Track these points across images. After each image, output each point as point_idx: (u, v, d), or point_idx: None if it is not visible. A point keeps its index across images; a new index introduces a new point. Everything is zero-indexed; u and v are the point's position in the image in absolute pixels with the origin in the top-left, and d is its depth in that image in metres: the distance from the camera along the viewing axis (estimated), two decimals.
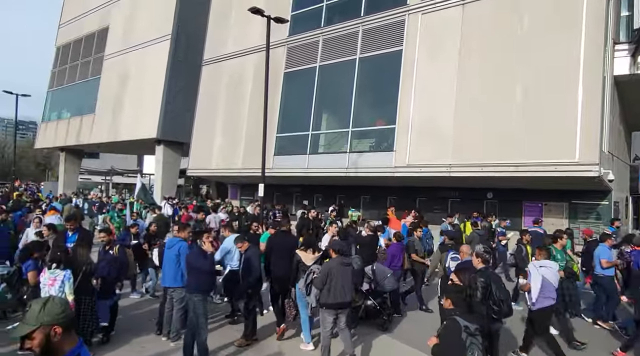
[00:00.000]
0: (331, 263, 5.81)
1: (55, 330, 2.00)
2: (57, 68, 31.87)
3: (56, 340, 2.01)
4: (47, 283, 5.43)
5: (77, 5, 30.90)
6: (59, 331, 2.01)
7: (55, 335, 2.00)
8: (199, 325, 5.59)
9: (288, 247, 6.98)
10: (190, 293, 5.75)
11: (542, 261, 6.35)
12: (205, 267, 5.68)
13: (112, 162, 42.80)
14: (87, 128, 27.41)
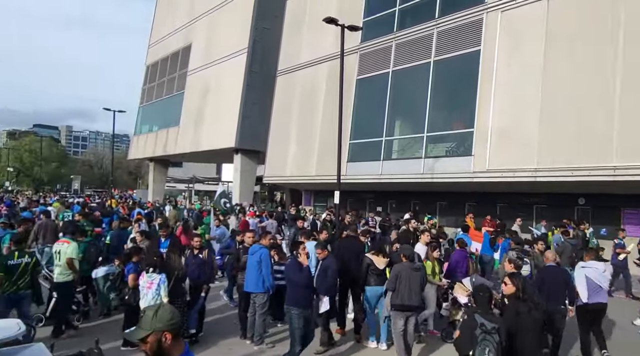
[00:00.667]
0: (400, 267, 6.10)
1: (166, 336, 2.14)
2: (147, 85, 34.67)
3: (166, 345, 2.15)
4: (145, 285, 5.89)
5: (164, 26, 33.48)
6: (169, 337, 2.15)
7: (165, 340, 2.14)
8: (293, 338, 5.69)
9: (356, 251, 7.22)
10: (287, 305, 5.80)
11: (588, 261, 6.47)
12: (300, 281, 5.69)
13: (194, 171, 45.54)
14: (172, 140, 29.46)
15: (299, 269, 5.72)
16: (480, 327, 3.96)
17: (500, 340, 3.95)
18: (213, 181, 48.16)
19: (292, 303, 5.72)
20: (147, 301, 5.80)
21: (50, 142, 77.87)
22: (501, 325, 4.05)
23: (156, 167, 33.90)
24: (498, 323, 4.05)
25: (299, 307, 5.67)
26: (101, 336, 4.32)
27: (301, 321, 5.69)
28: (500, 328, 4.00)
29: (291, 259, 6.30)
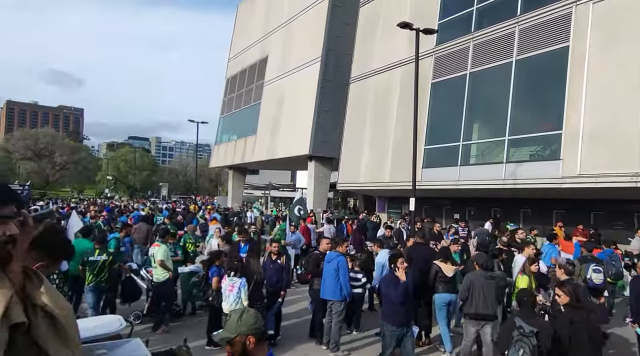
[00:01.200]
0: (473, 275, 5.93)
1: (250, 339, 2.22)
2: (227, 97, 36.57)
3: (250, 348, 2.23)
4: (227, 288, 6.17)
5: (242, 41, 35.18)
6: (253, 341, 2.23)
7: (249, 343, 2.22)
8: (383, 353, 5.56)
9: (425, 259, 7.18)
10: (382, 320, 5.62)
11: None
12: (396, 297, 5.37)
13: (270, 178, 47.12)
14: (250, 148, 30.73)
15: (395, 284, 5.42)
16: (517, 329, 4.17)
17: (539, 344, 4.08)
18: (288, 188, 49.47)
19: (386, 319, 5.49)
20: (229, 304, 6.07)
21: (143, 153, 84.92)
22: (542, 330, 4.15)
23: (235, 175, 35.53)
24: (537, 328, 4.19)
25: (392, 324, 5.43)
26: (188, 335, 4.57)
27: (393, 340, 5.47)
28: (540, 333, 4.12)
29: (388, 273, 6.07)
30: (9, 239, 1.44)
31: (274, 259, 7.35)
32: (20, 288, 1.48)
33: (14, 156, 65.86)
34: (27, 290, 1.49)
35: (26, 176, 59.89)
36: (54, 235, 1.99)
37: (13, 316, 1.42)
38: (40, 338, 1.48)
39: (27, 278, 1.52)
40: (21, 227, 1.51)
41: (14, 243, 1.46)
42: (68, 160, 67.95)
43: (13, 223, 1.46)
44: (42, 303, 1.49)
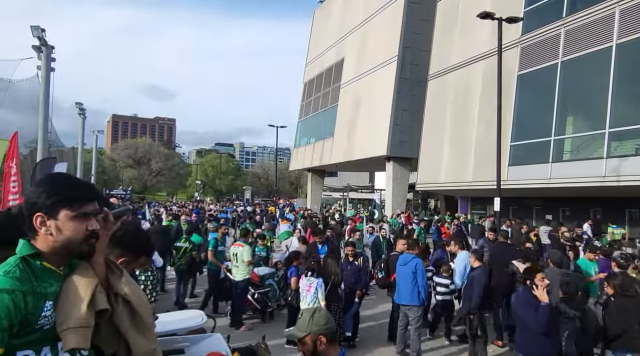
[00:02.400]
0: (549, 273, 5.51)
1: (321, 339, 2.20)
2: (305, 101, 37.38)
3: (322, 348, 2.20)
4: (305, 288, 6.25)
5: (318, 45, 35.78)
6: (324, 341, 2.20)
7: (320, 343, 2.20)
8: None
9: (507, 259, 6.95)
10: (518, 352, 4.67)
11: None
12: (536, 326, 4.28)
13: (347, 179, 47.26)
14: (327, 151, 31.07)
15: (534, 307, 4.31)
16: (562, 314, 4.76)
17: (583, 326, 4.76)
18: (366, 189, 49.28)
19: (523, 351, 4.49)
20: (307, 303, 6.14)
21: (228, 158, 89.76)
22: (586, 315, 4.83)
23: (313, 177, 36.13)
24: (581, 313, 4.85)
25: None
26: (267, 333, 4.69)
27: None
28: (584, 317, 4.80)
29: (523, 290, 4.80)
30: (92, 234, 1.57)
31: (350, 261, 7.31)
32: (104, 279, 1.61)
33: (118, 164, 73.14)
34: (110, 280, 1.61)
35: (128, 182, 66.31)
36: (135, 233, 2.13)
37: (98, 304, 1.54)
38: (122, 325, 1.59)
39: (110, 269, 1.64)
40: (103, 222, 1.64)
41: (96, 237, 1.59)
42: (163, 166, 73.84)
43: (95, 219, 1.59)
44: (123, 293, 1.60)
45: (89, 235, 1.56)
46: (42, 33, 14.29)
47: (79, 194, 1.54)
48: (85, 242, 1.55)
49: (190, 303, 9.20)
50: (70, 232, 1.53)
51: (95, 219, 1.59)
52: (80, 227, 1.55)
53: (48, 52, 14.87)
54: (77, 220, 1.54)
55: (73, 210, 1.52)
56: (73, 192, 1.54)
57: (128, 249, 1.98)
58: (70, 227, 1.53)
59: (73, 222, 1.54)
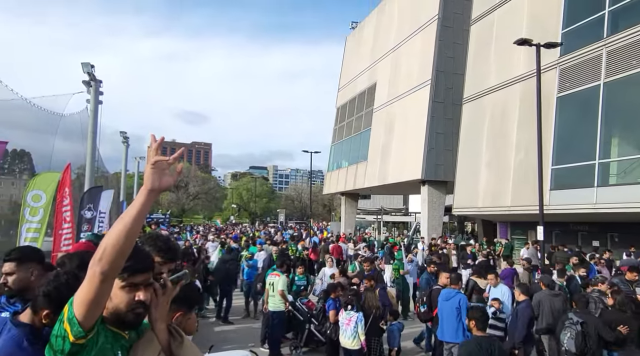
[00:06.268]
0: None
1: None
2: (337, 125, 37.68)
3: None
4: (344, 322, 6.18)
5: (350, 70, 36.24)
6: None
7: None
8: None
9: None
10: None
11: None
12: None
13: (381, 202, 46.86)
14: (361, 174, 31.02)
15: None
16: (568, 319, 5.64)
17: (584, 331, 5.43)
18: (400, 212, 48.65)
19: None
20: (346, 338, 6.06)
21: (262, 181, 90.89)
22: (589, 322, 5.53)
23: (347, 200, 36.04)
24: (584, 320, 5.56)
25: None
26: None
27: None
28: (587, 324, 5.49)
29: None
30: (139, 304, 1.61)
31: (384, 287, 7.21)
32: (166, 347, 1.66)
33: None
34: (172, 347, 1.67)
35: (167, 205, 68.16)
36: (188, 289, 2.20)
37: None
38: None
39: (172, 336, 1.70)
40: (161, 289, 1.70)
41: (144, 307, 1.63)
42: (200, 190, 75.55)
43: (146, 290, 1.63)
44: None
45: (136, 305, 1.60)
46: (91, 69, 15.20)
47: (129, 264, 1.56)
48: (131, 311, 1.59)
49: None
50: (117, 300, 1.59)
51: (145, 289, 1.63)
52: (128, 297, 1.59)
53: (96, 86, 15.75)
54: (125, 290, 1.60)
55: (122, 279, 1.58)
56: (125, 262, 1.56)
57: (183, 303, 2.05)
58: (118, 295, 1.58)
59: (121, 291, 1.59)
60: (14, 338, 1.86)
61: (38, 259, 2.70)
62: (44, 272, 2.69)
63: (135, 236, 1.44)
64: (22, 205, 9.38)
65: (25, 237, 8.95)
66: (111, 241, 1.40)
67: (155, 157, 1.48)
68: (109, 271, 1.41)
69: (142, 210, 1.45)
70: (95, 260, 1.40)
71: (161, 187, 1.49)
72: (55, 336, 1.43)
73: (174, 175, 1.52)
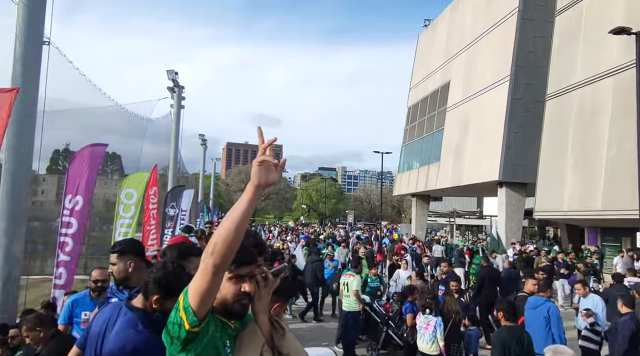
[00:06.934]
0: None
1: None
2: (408, 125, 36.98)
3: None
4: (422, 326, 6.04)
5: (422, 69, 35.43)
6: None
7: None
8: None
9: None
10: None
11: None
12: None
13: (453, 204, 45.22)
14: (433, 176, 30.17)
15: None
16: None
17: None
18: (474, 215, 46.64)
19: None
20: (424, 342, 5.92)
21: (330, 182, 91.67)
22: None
23: (418, 202, 35.24)
24: None
25: None
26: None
27: None
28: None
29: None
30: (244, 295, 1.68)
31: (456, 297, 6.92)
32: (269, 338, 1.72)
33: (232, 189, 78.96)
34: (274, 339, 1.72)
35: None
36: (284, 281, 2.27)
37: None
38: None
39: (274, 328, 1.75)
40: (263, 281, 1.76)
41: (249, 299, 1.70)
42: (271, 191, 77.83)
43: (250, 282, 1.71)
44: (286, 352, 1.70)
45: (242, 296, 1.68)
46: (175, 76, 16.26)
47: (235, 257, 1.62)
48: (237, 302, 1.67)
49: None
50: (225, 291, 1.66)
51: (250, 281, 1.71)
52: (234, 288, 1.67)
53: (179, 92, 16.82)
54: (232, 282, 1.67)
55: (229, 271, 1.65)
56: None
57: (282, 294, 2.11)
58: (225, 286, 1.66)
59: (228, 283, 1.67)
60: (130, 321, 2.04)
61: (136, 252, 2.93)
62: (141, 264, 2.92)
63: (243, 231, 1.51)
64: (116, 202, 10.25)
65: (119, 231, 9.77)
66: (221, 236, 1.48)
67: (262, 156, 1.53)
68: (220, 265, 1.48)
69: (249, 206, 1.52)
70: (207, 254, 1.49)
71: (267, 182, 1.54)
72: (172, 323, 1.53)
73: (279, 170, 1.56)
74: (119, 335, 2.00)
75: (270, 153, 1.55)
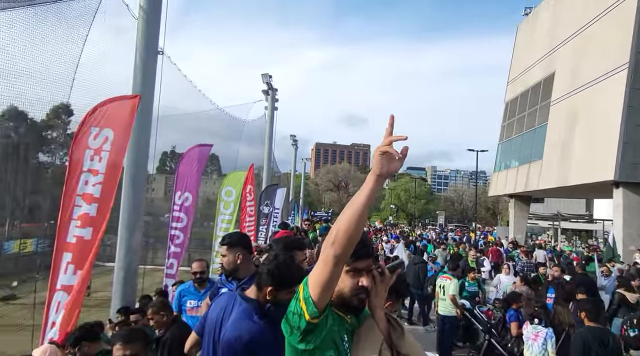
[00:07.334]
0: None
1: None
2: (506, 122, 34.70)
3: None
4: (530, 336, 5.57)
5: (522, 61, 33.02)
6: None
7: None
8: None
9: None
10: None
11: None
12: None
13: (557, 206, 41.52)
14: (534, 175, 27.96)
15: None
16: None
17: None
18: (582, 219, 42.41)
19: None
20: (533, 354, 5.45)
21: (420, 182, 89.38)
22: None
23: (517, 203, 32.91)
24: None
25: None
26: None
27: None
28: None
29: None
30: (361, 289, 1.64)
31: None
32: (387, 336, 1.66)
33: (321, 188, 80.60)
34: (393, 338, 1.66)
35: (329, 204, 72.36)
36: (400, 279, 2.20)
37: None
38: None
39: (392, 327, 1.68)
40: (380, 277, 1.71)
41: (366, 293, 1.65)
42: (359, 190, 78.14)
43: (367, 275, 1.66)
44: (406, 353, 1.62)
45: (359, 291, 1.63)
46: (269, 79, 16.95)
47: (354, 249, 1.57)
48: (355, 296, 1.63)
49: None
50: (342, 284, 1.63)
51: (367, 276, 1.66)
52: (352, 282, 1.63)
53: (273, 94, 17.50)
54: (349, 275, 1.64)
55: (347, 264, 1.61)
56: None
57: (394, 293, 2.05)
58: (343, 279, 1.62)
59: (346, 276, 1.63)
60: (245, 311, 2.12)
61: (244, 244, 3.06)
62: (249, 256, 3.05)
63: (364, 222, 1.47)
64: (218, 199, 10.95)
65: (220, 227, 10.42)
66: (342, 226, 1.44)
67: (386, 146, 1.48)
68: (340, 255, 1.45)
69: (371, 196, 1.46)
70: (328, 244, 1.46)
71: (389, 171, 1.48)
72: (292, 312, 1.53)
73: (401, 160, 1.50)
74: (235, 325, 2.09)
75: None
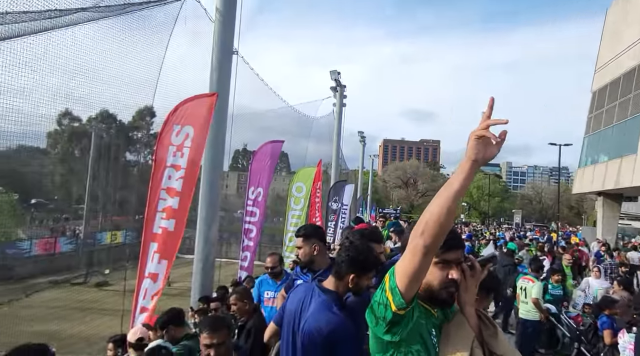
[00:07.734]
0: None
1: None
2: (593, 113, 31.96)
3: None
4: (627, 346, 5.05)
5: (612, 47, 30.23)
6: None
7: None
8: None
9: None
10: None
11: None
12: None
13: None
14: (627, 171, 25.44)
15: None
16: None
17: None
18: None
19: None
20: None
21: (494, 179, 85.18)
22: None
23: (605, 202, 30.20)
24: None
25: None
26: None
27: None
28: None
29: None
30: (451, 282, 1.54)
31: None
32: (478, 333, 1.56)
33: (388, 185, 79.56)
34: (484, 336, 1.55)
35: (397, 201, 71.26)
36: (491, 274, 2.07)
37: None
38: None
39: (483, 324, 1.58)
40: (470, 271, 1.60)
41: (455, 287, 1.56)
42: (428, 187, 76.06)
43: (456, 268, 1.56)
44: (500, 353, 1.51)
45: (449, 284, 1.55)
46: (338, 75, 16.97)
47: (444, 240, 1.50)
48: (444, 289, 1.56)
49: None
50: (431, 277, 1.55)
51: (457, 268, 1.57)
52: (441, 274, 1.56)
53: (341, 91, 17.51)
54: (438, 267, 1.56)
55: (436, 255, 1.53)
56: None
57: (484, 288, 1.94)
58: (432, 271, 1.55)
59: (435, 268, 1.56)
60: (325, 303, 2.11)
61: (319, 236, 3.06)
62: (324, 248, 3.05)
63: (454, 211, 1.38)
64: (288, 195, 11.18)
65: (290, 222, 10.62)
66: (433, 215, 1.37)
67: (483, 130, 1.38)
68: (430, 245, 1.38)
69: (466, 184, 1.37)
70: (417, 234, 1.39)
71: (485, 157, 1.39)
72: (378, 303, 1.48)
73: (499, 145, 1.39)
74: (315, 316, 2.08)
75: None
